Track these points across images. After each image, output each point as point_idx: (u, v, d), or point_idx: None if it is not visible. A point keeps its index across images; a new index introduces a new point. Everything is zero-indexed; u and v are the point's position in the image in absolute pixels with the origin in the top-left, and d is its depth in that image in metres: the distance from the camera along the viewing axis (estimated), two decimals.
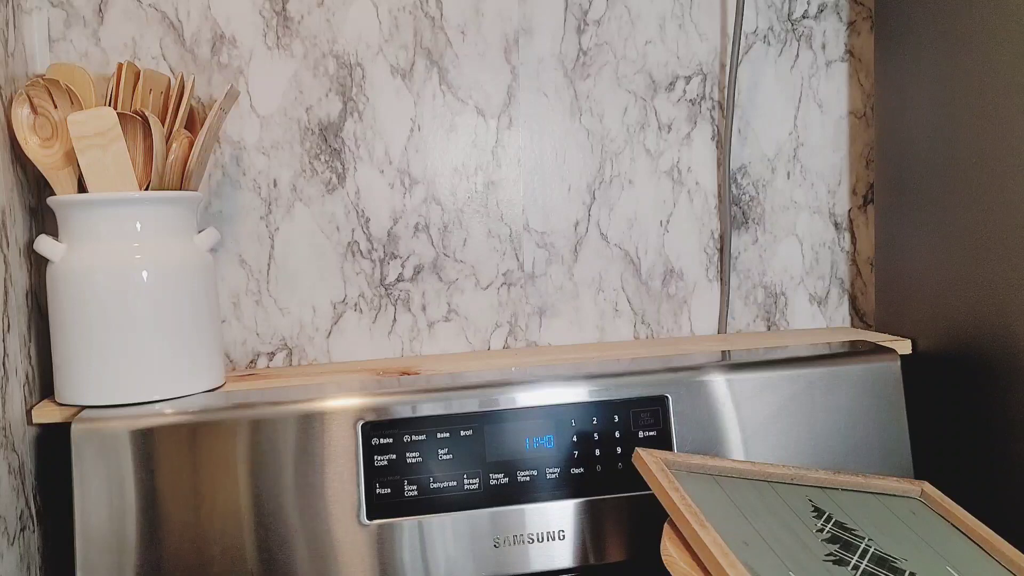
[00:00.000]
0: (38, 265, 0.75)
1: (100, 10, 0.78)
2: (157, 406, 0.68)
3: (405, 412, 0.70)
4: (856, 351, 0.81)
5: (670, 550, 0.57)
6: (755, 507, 0.62)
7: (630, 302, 0.91)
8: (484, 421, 0.71)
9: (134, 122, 0.70)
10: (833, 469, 0.72)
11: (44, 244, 0.69)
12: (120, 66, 0.72)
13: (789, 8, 0.91)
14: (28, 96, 0.70)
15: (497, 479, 0.70)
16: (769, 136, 0.92)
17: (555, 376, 0.74)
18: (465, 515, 0.69)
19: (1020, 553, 0.63)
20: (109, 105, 0.71)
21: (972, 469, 0.76)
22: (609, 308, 0.91)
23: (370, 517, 0.68)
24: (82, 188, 0.71)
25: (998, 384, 0.72)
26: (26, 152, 0.70)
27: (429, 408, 0.70)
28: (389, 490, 0.69)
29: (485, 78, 0.86)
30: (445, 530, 0.69)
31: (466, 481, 0.70)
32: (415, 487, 0.69)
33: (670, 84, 0.90)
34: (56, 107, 0.70)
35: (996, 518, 0.67)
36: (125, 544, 0.66)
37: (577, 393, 0.73)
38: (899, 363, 0.79)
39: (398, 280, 0.86)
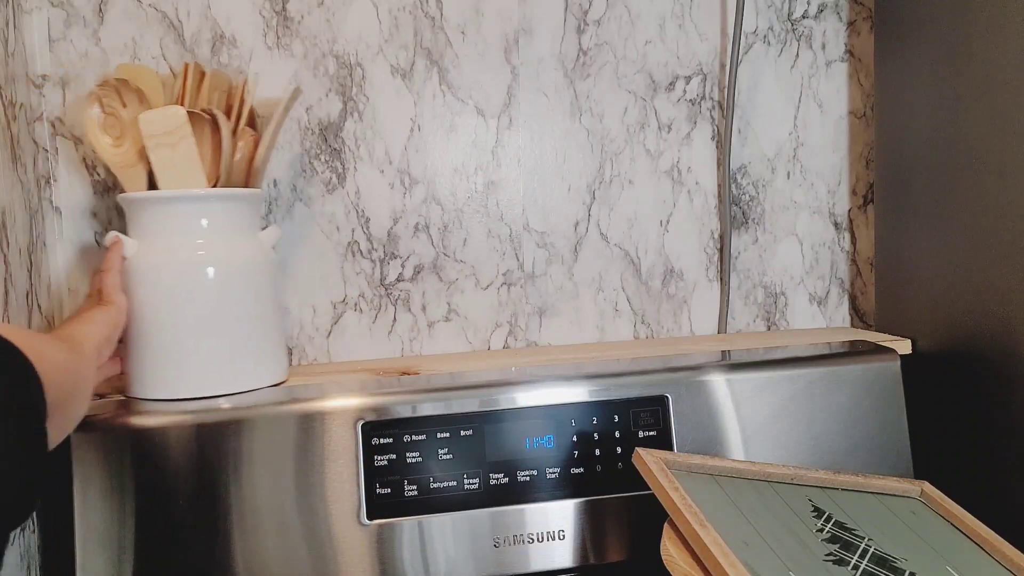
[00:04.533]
0: (38, 265, 0.75)
1: (100, 10, 0.78)
2: (155, 405, 0.68)
3: (405, 412, 0.70)
4: (856, 351, 0.81)
5: (670, 550, 0.57)
6: (755, 507, 0.62)
7: (630, 302, 0.91)
8: (484, 421, 0.71)
9: (202, 120, 0.71)
10: (833, 469, 0.72)
11: (112, 240, 0.70)
12: (186, 66, 0.73)
13: (789, 8, 0.91)
14: (98, 96, 0.71)
15: (497, 479, 0.70)
16: (769, 136, 0.92)
17: (555, 376, 0.74)
18: (465, 515, 0.69)
19: (1020, 553, 0.63)
20: (176, 104, 0.72)
21: (972, 469, 0.75)
22: (609, 308, 0.91)
23: (370, 517, 0.68)
24: (151, 186, 0.72)
25: (998, 384, 0.72)
26: (97, 152, 0.71)
27: (429, 408, 0.70)
28: (389, 490, 0.69)
29: (485, 78, 0.86)
30: (445, 530, 0.69)
31: (466, 481, 0.70)
32: (415, 487, 0.69)
33: (670, 84, 0.90)
34: (125, 106, 0.71)
35: (996, 518, 0.67)
36: (125, 544, 0.66)
37: (577, 393, 0.73)
38: (899, 363, 0.79)
39: (398, 280, 0.86)
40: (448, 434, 0.70)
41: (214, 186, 0.71)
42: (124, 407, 0.68)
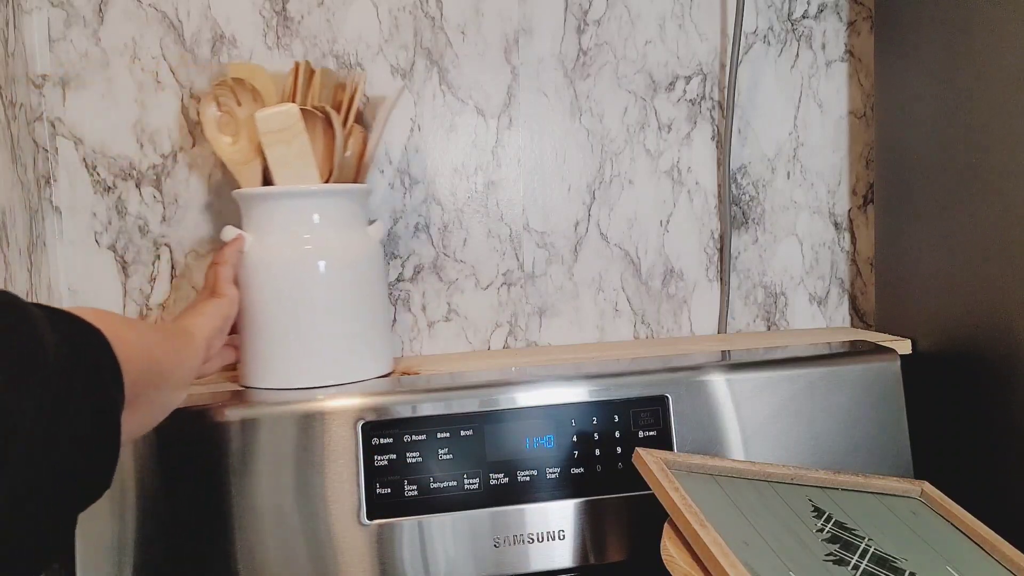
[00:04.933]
0: (38, 265, 0.75)
1: (100, 10, 0.78)
2: None
3: (405, 412, 0.70)
4: (856, 351, 0.81)
5: (670, 550, 0.57)
6: (755, 507, 0.62)
7: (630, 302, 0.91)
8: (484, 421, 0.71)
9: (314, 117, 0.72)
10: (833, 469, 0.72)
11: (230, 234, 0.72)
12: (297, 65, 0.75)
13: (789, 8, 0.91)
14: (215, 96, 0.72)
15: (497, 479, 0.70)
16: (769, 136, 0.92)
17: (555, 376, 0.74)
18: (465, 515, 0.69)
19: (1020, 553, 0.63)
20: (288, 102, 0.74)
21: (972, 469, 0.75)
22: (609, 308, 0.91)
23: (370, 517, 0.68)
24: (265, 182, 0.73)
25: (998, 384, 0.72)
26: (214, 149, 0.73)
27: (429, 408, 0.70)
28: (389, 490, 0.69)
29: (485, 78, 0.86)
30: (445, 530, 0.69)
31: (466, 481, 0.70)
32: (415, 487, 0.69)
33: (670, 84, 0.90)
34: (240, 105, 0.72)
35: (996, 518, 0.67)
36: (125, 544, 0.66)
37: (577, 393, 0.73)
38: (899, 363, 0.79)
39: (398, 280, 0.86)
40: (448, 434, 0.70)
41: (326, 182, 0.73)
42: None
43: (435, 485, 0.69)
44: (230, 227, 0.72)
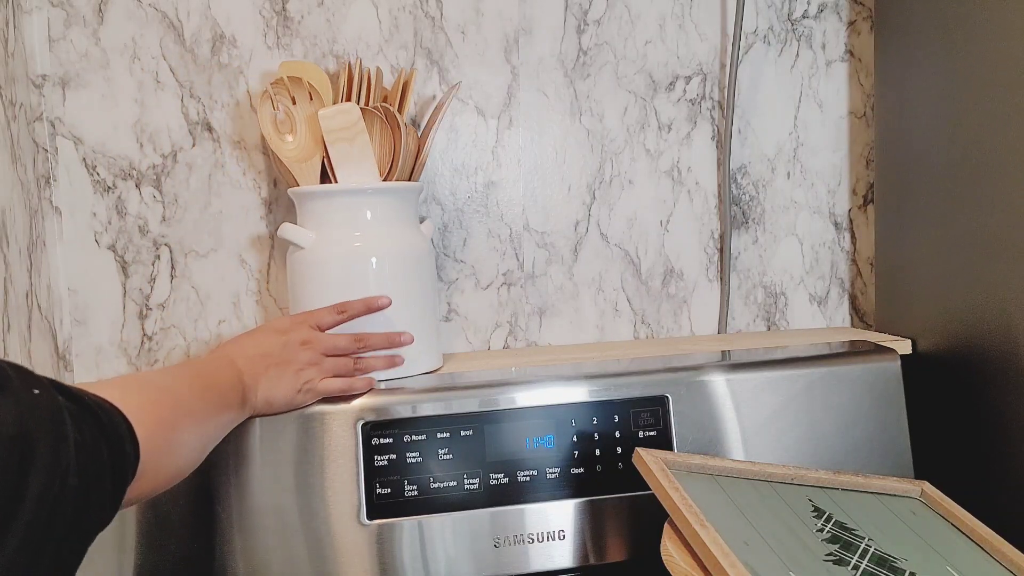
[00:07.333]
0: (38, 265, 0.75)
1: (100, 10, 0.78)
2: None
3: (405, 412, 0.70)
4: (856, 351, 0.81)
5: (670, 550, 0.57)
6: (755, 507, 0.62)
7: (630, 302, 0.91)
8: (484, 421, 0.71)
9: (372, 117, 0.73)
10: (833, 469, 0.72)
11: (291, 231, 0.72)
12: (349, 64, 0.75)
13: (789, 8, 0.91)
14: (270, 95, 0.73)
15: (497, 479, 0.70)
16: (769, 136, 0.92)
17: (555, 376, 0.74)
18: (465, 515, 0.69)
19: (1020, 553, 0.63)
20: (342, 101, 0.74)
21: (972, 469, 0.75)
22: (609, 308, 0.91)
23: (370, 517, 0.68)
24: (322, 179, 0.74)
25: (998, 384, 0.72)
26: (272, 147, 0.73)
27: (429, 408, 0.70)
28: (389, 490, 0.69)
29: (485, 78, 0.86)
30: (445, 530, 0.69)
31: (466, 481, 0.70)
32: (415, 487, 0.69)
33: (670, 84, 0.90)
34: (295, 103, 0.73)
35: (996, 518, 0.67)
36: (125, 544, 0.66)
37: (577, 393, 0.73)
38: (899, 363, 0.79)
39: None
40: (448, 434, 0.70)
41: (386, 179, 0.74)
42: None
43: (435, 485, 0.69)
44: (288, 224, 0.73)
